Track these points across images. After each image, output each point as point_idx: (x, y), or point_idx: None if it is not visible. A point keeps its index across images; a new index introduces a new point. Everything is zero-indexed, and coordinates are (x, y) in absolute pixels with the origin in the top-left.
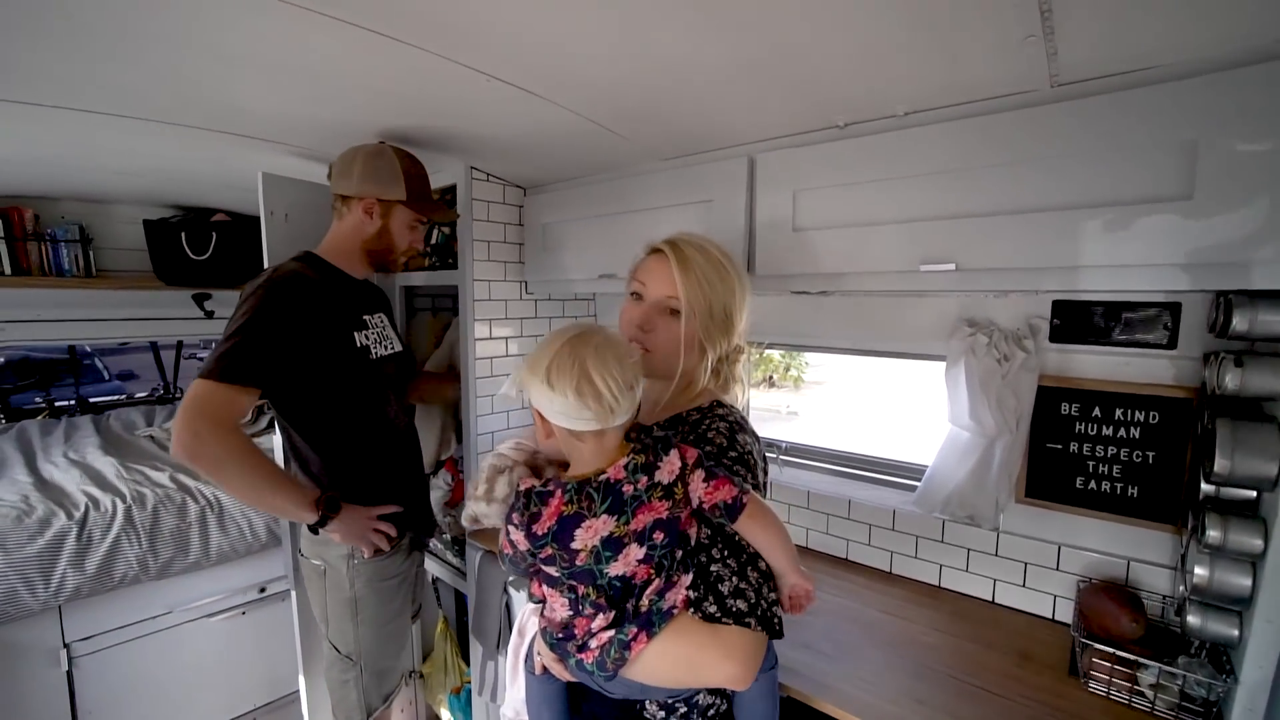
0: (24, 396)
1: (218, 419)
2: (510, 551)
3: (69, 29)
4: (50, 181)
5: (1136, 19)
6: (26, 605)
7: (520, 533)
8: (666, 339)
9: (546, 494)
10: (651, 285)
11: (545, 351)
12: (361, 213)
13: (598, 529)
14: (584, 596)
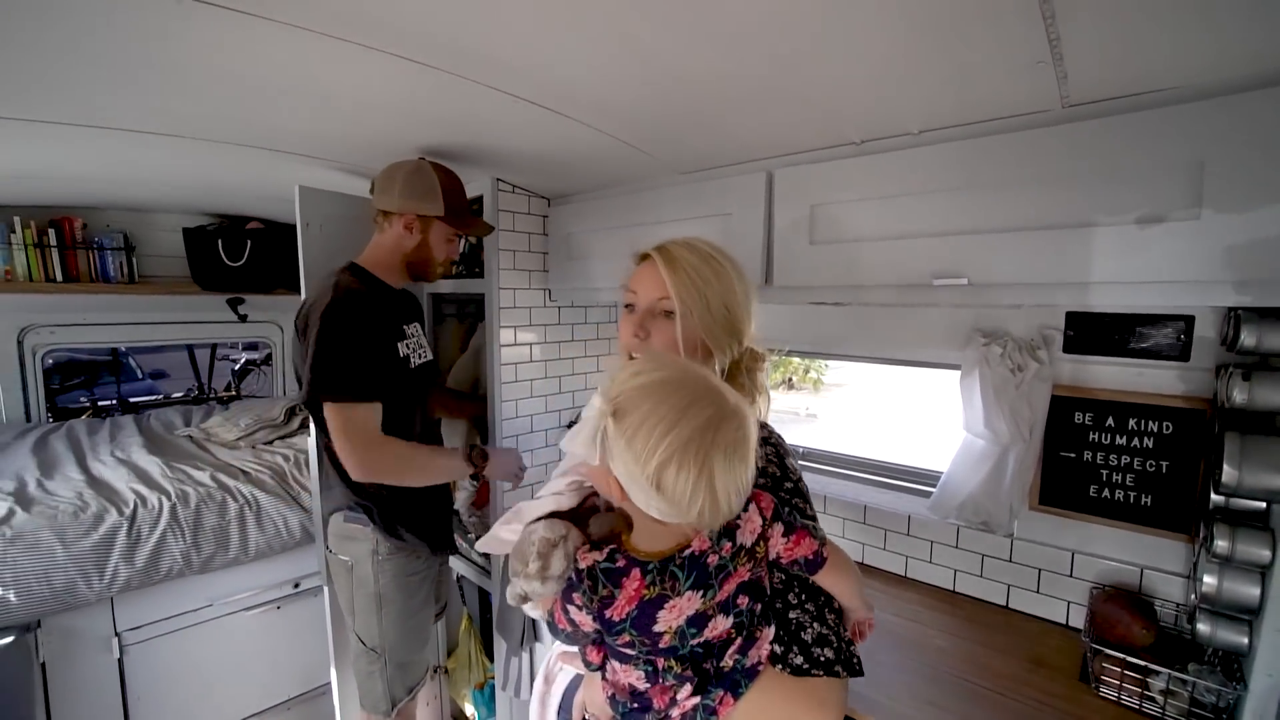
0: (69, 396)
1: (370, 438)
2: (568, 628)
3: (125, 63)
4: (98, 193)
5: (1142, 45)
6: (84, 596)
7: (586, 615)
8: (665, 343)
9: (618, 572)
10: (642, 291)
11: (657, 437)
12: (402, 228)
13: (682, 609)
14: (665, 669)
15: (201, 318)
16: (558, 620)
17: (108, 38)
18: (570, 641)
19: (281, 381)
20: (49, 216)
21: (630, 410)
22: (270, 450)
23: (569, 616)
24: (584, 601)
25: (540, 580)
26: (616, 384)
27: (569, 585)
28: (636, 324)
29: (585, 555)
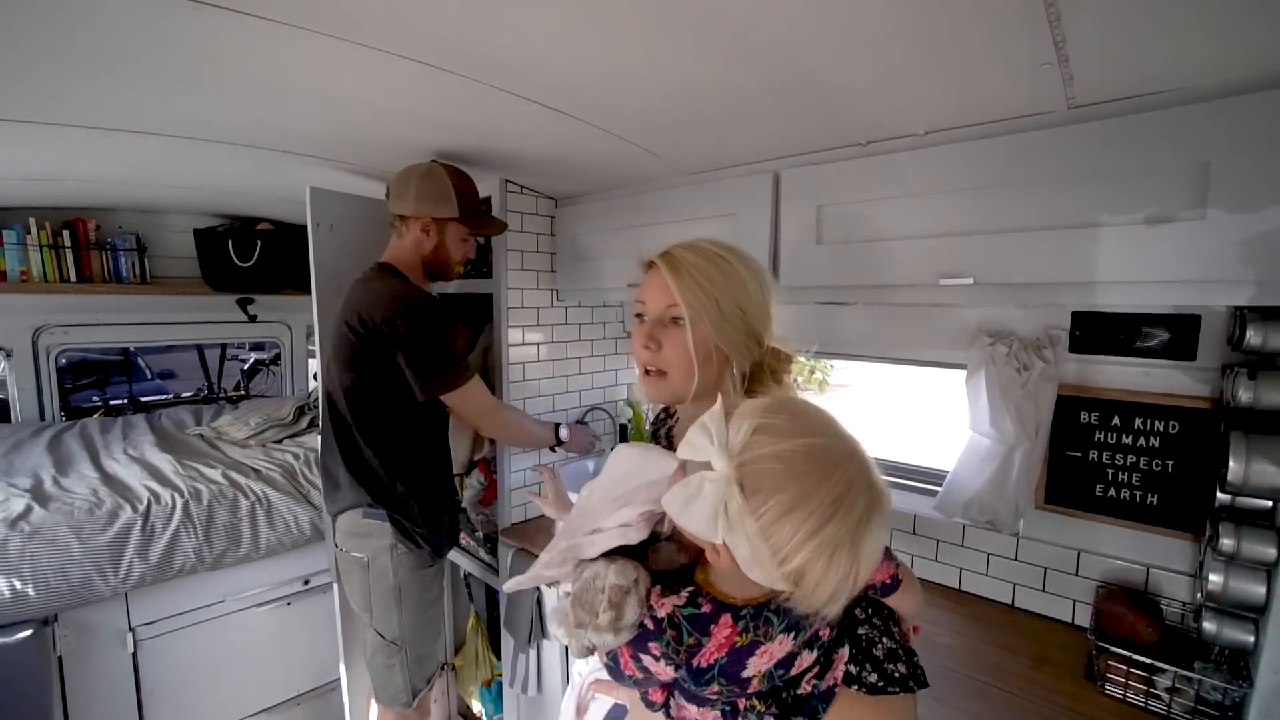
0: (82, 395)
1: (492, 404)
2: (637, 675)
3: (142, 66)
4: (112, 195)
5: (1146, 46)
6: (99, 591)
7: (665, 665)
8: (676, 352)
9: (704, 619)
10: (650, 300)
11: (805, 535)
12: (419, 231)
13: (774, 654)
14: (747, 709)
15: (212, 318)
16: (624, 667)
17: (125, 41)
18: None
19: (290, 381)
20: (63, 218)
21: (767, 490)
22: (280, 449)
23: (640, 664)
24: (665, 652)
25: (613, 632)
26: (744, 444)
27: (644, 634)
28: (646, 335)
29: (662, 601)
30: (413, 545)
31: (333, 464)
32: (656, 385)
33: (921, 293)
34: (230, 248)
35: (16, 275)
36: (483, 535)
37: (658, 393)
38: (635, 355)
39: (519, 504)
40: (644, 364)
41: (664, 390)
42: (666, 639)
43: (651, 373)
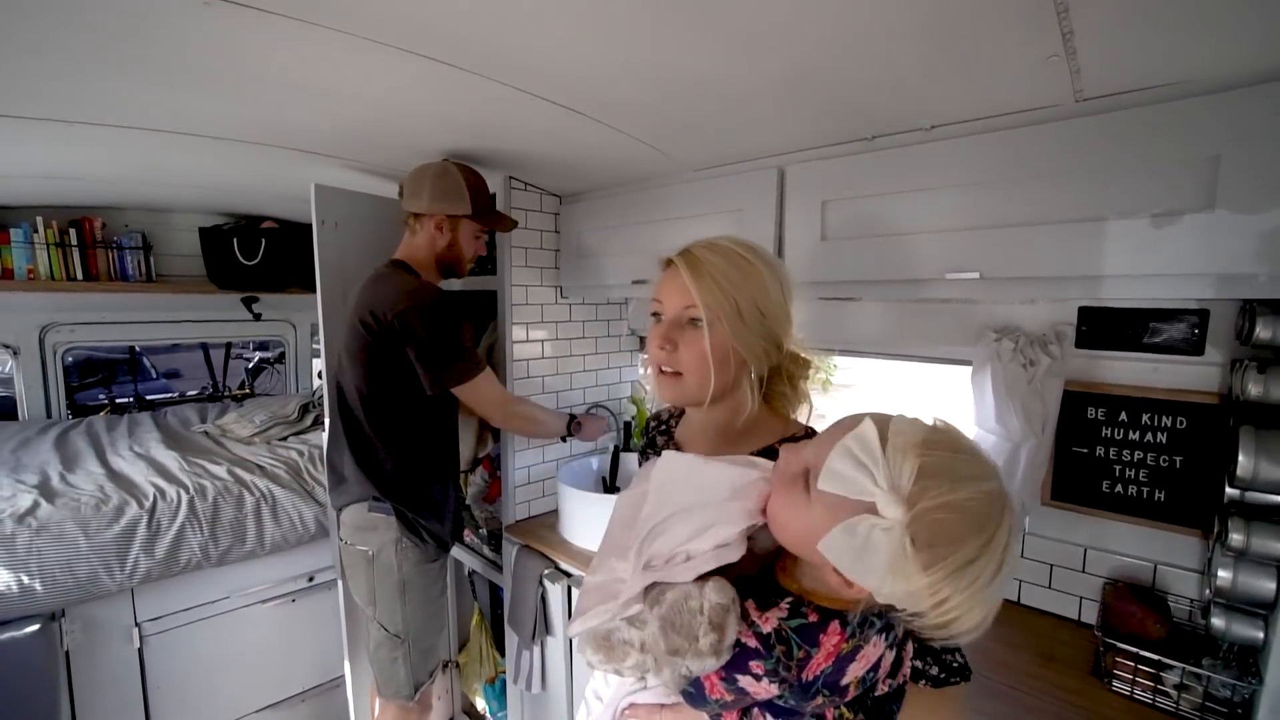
0: (89, 393)
1: (503, 398)
2: (725, 698)
3: (155, 63)
4: (118, 193)
5: (1155, 39)
6: (105, 586)
7: (769, 683)
8: (693, 354)
9: (813, 629)
10: (667, 300)
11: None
12: (433, 228)
13: (869, 658)
14: (836, 719)
15: (217, 316)
16: (710, 692)
17: (136, 39)
18: (711, 709)
19: (295, 379)
20: (70, 217)
21: (943, 545)
22: (285, 446)
23: (734, 687)
24: (771, 669)
25: (715, 656)
26: (913, 487)
27: (743, 653)
28: (662, 336)
29: (765, 615)
30: (417, 539)
31: (339, 458)
32: (671, 386)
33: (927, 288)
34: (235, 246)
35: (24, 273)
36: (487, 532)
37: (672, 394)
38: (650, 355)
39: (522, 500)
40: (659, 364)
41: (679, 392)
42: (776, 656)
43: (666, 373)
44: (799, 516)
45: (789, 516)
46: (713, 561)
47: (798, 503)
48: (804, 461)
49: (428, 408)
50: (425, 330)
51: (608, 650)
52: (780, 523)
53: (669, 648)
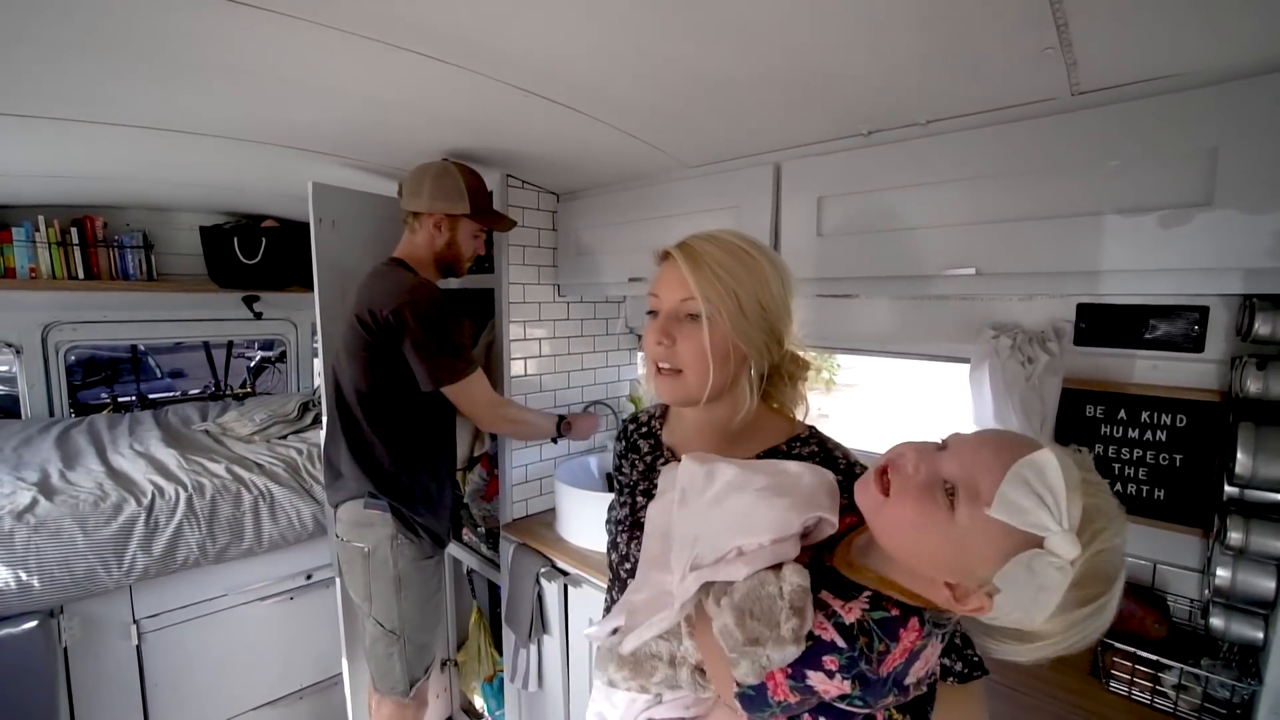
0: (91, 392)
1: (492, 399)
2: (790, 699)
3: (157, 61)
4: (119, 192)
5: (1151, 30)
6: (103, 583)
7: (842, 680)
8: (692, 349)
9: (894, 622)
10: (664, 294)
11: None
12: (432, 227)
13: (929, 659)
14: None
15: (218, 315)
16: (774, 693)
17: (135, 37)
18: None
19: (296, 378)
20: (72, 216)
21: (1090, 586)
22: (284, 444)
23: (802, 685)
24: (846, 664)
25: (797, 643)
26: (1089, 527)
27: (818, 646)
28: (659, 331)
29: (847, 605)
30: (413, 536)
31: (336, 455)
32: (670, 384)
33: (924, 284)
34: (236, 245)
35: (26, 272)
36: (485, 531)
37: (671, 393)
38: (647, 351)
39: (520, 499)
40: (656, 361)
41: (677, 390)
42: (858, 648)
43: (664, 371)
44: (939, 531)
45: (923, 529)
46: (771, 557)
47: (938, 518)
48: (939, 472)
49: (425, 405)
50: (421, 327)
51: (634, 666)
52: (906, 532)
53: (748, 637)
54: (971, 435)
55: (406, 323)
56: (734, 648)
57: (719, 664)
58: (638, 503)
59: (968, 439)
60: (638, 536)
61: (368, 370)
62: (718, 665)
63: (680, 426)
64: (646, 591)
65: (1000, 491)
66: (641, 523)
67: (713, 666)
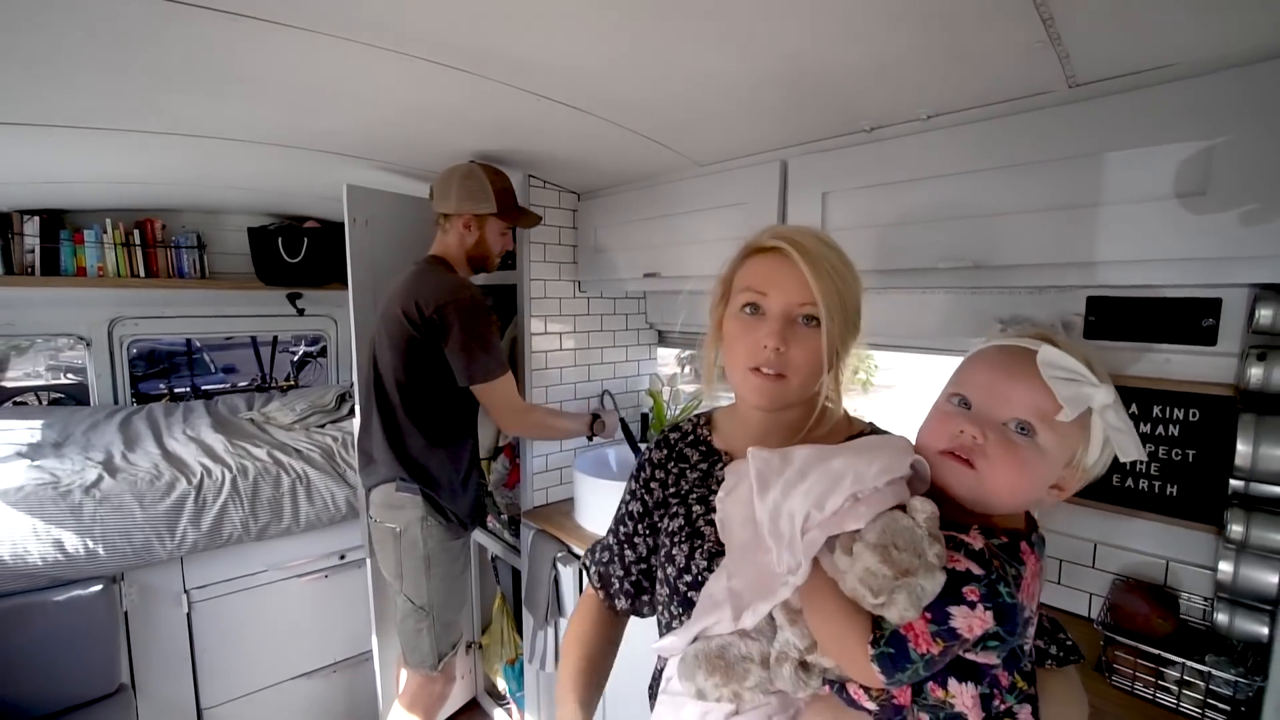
0: (150, 384)
1: (517, 404)
2: (937, 650)
3: (209, 77)
4: (175, 196)
5: (1137, 22)
6: (158, 555)
7: (985, 610)
8: (806, 355)
9: (1012, 547)
10: (775, 293)
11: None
12: (461, 227)
13: (1035, 593)
14: (1009, 688)
15: (264, 311)
16: (916, 643)
17: (191, 56)
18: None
19: (335, 371)
20: (135, 219)
21: None
22: (322, 432)
23: (945, 628)
24: (987, 592)
25: (941, 569)
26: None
27: (952, 579)
28: (777, 335)
29: (972, 534)
30: (442, 519)
31: (369, 441)
32: (772, 388)
33: (924, 277)
34: (280, 245)
35: (95, 271)
36: (508, 518)
37: (771, 398)
38: (747, 352)
39: (540, 487)
40: (762, 364)
41: (778, 395)
42: (994, 571)
43: (767, 375)
44: (1038, 462)
45: (1029, 470)
46: (891, 498)
47: (1031, 454)
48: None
49: (456, 397)
50: (462, 326)
51: (724, 671)
52: (1017, 482)
53: (898, 570)
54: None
55: (450, 320)
56: (883, 588)
57: (848, 629)
58: (694, 511)
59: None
60: (700, 547)
61: (407, 362)
62: (847, 632)
63: (738, 430)
64: (746, 575)
65: (1061, 397)
66: (702, 531)
67: (840, 636)
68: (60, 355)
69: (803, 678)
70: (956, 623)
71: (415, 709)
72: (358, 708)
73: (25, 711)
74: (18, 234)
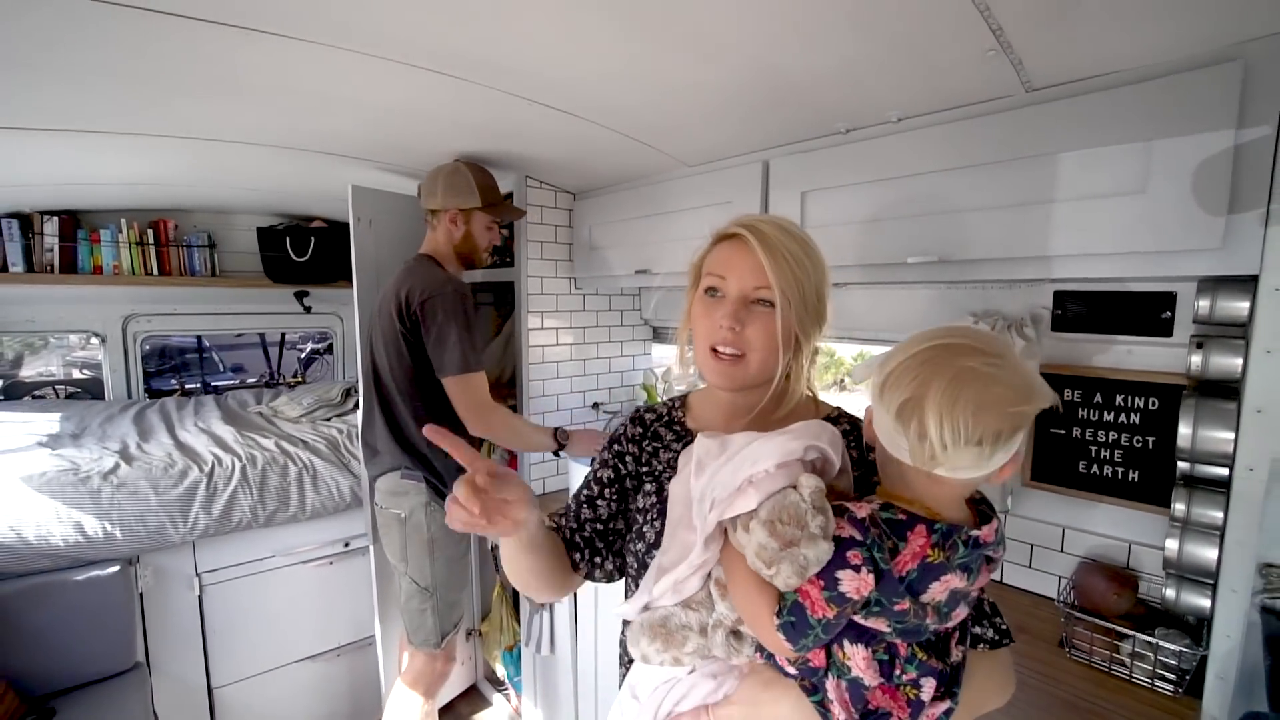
0: (162, 380)
1: (485, 402)
2: (831, 614)
3: (210, 84)
4: (188, 196)
5: (1081, 33)
6: (171, 538)
7: (868, 575)
8: (761, 336)
9: (901, 524)
10: (733, 276)
11: (904, 350)
12: (448, 222)
13: (950, 583)
14: (908, 658)
15: (272, 309)
16: (813, 609)
17: (200, 63)
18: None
19: (342, 368)
20: (148, 219)
21: (904, 341)
22: (327, 425)
23: (835, 592)
24: (866, 557)
25: (827, 539)
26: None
27: (841, 545)
28: (731, 315)
29: (861, 505)
30: (444, 503)
31: (372, 434)
32: (730, 369)
33: (898, 271)
34: (288, 244)
35: (110, 269)
36: None
37: (729, 377)
38: (706, 333)
39: (537, 477)
40: (718, 344)
41: (736, 375)
42: (871, 538)
43: (724, 355)
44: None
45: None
46: (782, 480)
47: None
48: None
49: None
50: (440, 320)
51: (665, 637)
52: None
53: (783, 542)
54: None
55: (430, 314)
56: (772, 559)
57: (756, 602)
58: (665, 490)
59: None
60: None
61: (401, 357)
62: (756, 604)
63: (710, 412)
64: (674, 551)
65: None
66: None
67: (750, 608)
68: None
69: (734, 645)
70: (845, 586)
71: (417, 687)
72: (360, 691)
73: (48, 684)
74: (38, 234)
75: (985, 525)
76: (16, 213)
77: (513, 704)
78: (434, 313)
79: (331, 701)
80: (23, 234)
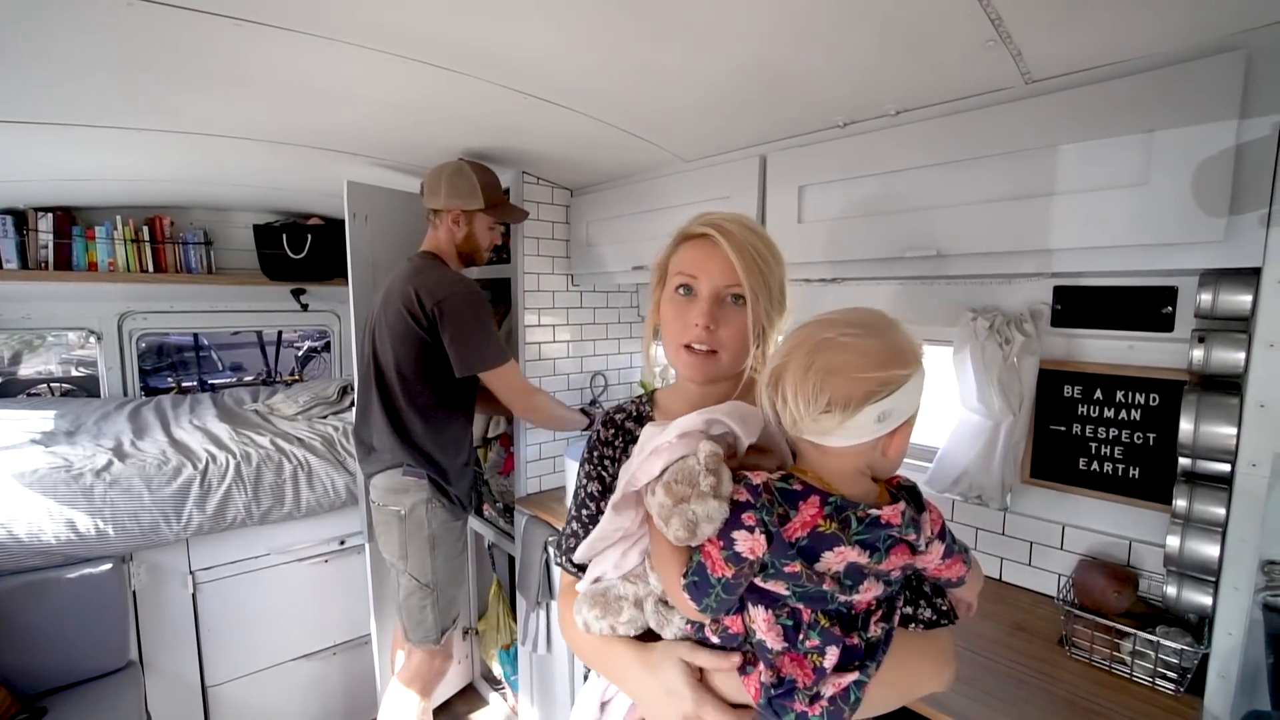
0: (159, 378)
1: (526, 387)
2: (729, 573)
3: (206, 78)
4: (184, 193)
5: (1082, 20)
6: (165, 536)
7: (759, 536)
8: (734, 333)
9: (795, 494)
10: (704, 276)
11: (803, 328)
12: (450, 222)
13: (846, 556)
14: (810, 625)
15: (269, 306)
16: (713, 569)
17: (195, 57)
18: (722, 607)
19: (339, 365)
20: (144, 216)
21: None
22: (323, 423)
23: (732, 551)
24: (759, 520)
25: (716, 498)
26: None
27: (737, 508)
28: (707, 314)
29: (755, 473)
30: (445, 500)
31: (368, 431)
32: (704, 363)
33: (894, 266)
34: (284, 241)
35: (106, 266)
36: (503, 505)
37: (704, 372)
38: (679, 331)
39: (534, 475)
40: (693, 341)
41: (710, 369)
42: (762, 501)
43: (699, 351)
44: None
45: None
46: (682, 449)
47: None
48: None
49: (454, 387)
50: (462, 318)
51: (604, 605)
52: None
53: (675, 499)
54: None
55: (451, 313)
56: (666, 516)
57: (669, 565)
58: None
59: None
60: None
61: (410, 355)
62: (668, 566)
63: (678, 405)
64: (604, 525)
65: None
66: None
67: (663, 570)
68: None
69: (664, 613)
70: (740, 546)
71: (414, 685)
72: (355, 689)
73: (41, 683)
74: (33, 230)
75: (888, 506)
76: (11, 209)
77: (509, 703)
78: (453, 312)
79: (327, 700)
80: (17, 230)
